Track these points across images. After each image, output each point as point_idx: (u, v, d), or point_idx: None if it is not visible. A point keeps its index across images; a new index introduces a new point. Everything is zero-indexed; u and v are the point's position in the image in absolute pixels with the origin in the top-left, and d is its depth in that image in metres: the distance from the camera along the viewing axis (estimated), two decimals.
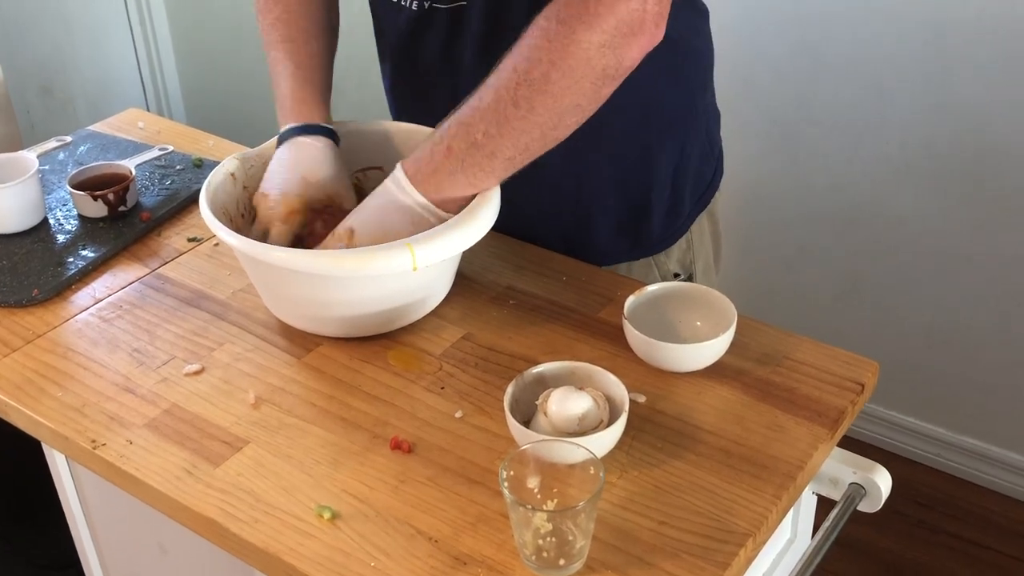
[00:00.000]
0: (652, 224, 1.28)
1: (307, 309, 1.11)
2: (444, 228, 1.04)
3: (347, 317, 1.10)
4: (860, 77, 1.94)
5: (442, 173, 1.04)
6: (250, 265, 1.12)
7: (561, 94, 0.99)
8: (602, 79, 1.00)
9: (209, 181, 1.14)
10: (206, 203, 1.11)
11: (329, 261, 1.02)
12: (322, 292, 1.07)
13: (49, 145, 1.51)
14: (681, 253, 1.31)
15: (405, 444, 0.99)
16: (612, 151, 1.22)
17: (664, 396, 1.05)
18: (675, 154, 1.26)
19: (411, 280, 1.08)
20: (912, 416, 2.21)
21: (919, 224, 2.01)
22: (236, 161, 1.19)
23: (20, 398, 1.07)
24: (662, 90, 1.17)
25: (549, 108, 1.00)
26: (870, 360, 1.09)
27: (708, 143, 1.32)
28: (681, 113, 1.25)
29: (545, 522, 0.84)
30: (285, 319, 1.15)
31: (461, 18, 1.15)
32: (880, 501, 1.06)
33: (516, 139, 1.01)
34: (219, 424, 1.03)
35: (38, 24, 2.59)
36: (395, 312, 1.11)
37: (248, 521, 0.92)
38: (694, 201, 1.32)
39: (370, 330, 1.12)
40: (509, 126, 1.00)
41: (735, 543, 0.89)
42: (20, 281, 1.23)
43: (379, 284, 1.06)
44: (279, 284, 1.10)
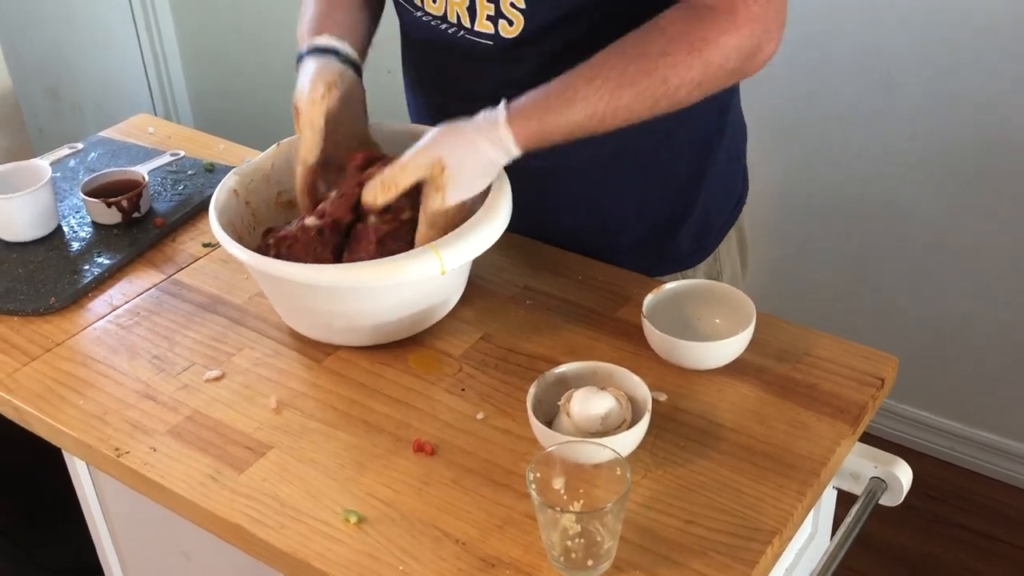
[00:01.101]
0: (679, 242, 1.27)
1: (329, 320, 1.10)
2: (466, 229, 1.04)
3: (370, 326, 1.09)
4: (869, 71, 1.94)
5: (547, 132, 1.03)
6: (268, 281, 1.11)
7: (687, 96, 1.02)
8: (723, 87, 1.04)
9: (216, 199, 1.13)
10: (217, 224, 1.09)
11: (357, 273, 1.02)
12: (344, 303, 1.07)
13: (61, 152, 1.51)
14: (708, 267, 1.31)
15: (428, 446, 0.99)
16: (639, 168, 1.22)
17: (685, 394, 1.05)
18: (703, 172, 1.25)
19: (434, 284, 1.08)
20: (924, 410, 2.21)
21: (929, 217, 2.01)
22: (236, 177, 1.17)
23: (41, 407, 1.08)
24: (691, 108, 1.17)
25: (664, 108, 1.03)
26: (889, 355, 1.09)
27: (735, 160, 1.32)
28: (709, 131, 1.25)
29: (573, 523, 0.84)
30: (304, 331, 1.14)
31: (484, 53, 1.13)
32: (901, 495, 1.06)
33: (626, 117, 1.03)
34: (242, 430, 1.03)
35: (43, 27, 2.59)
36: (419, 316, 1.10)
37: (275, 527, 0.92)
38: (722, 220, 1.32)
39: (393, 336, 1.12)
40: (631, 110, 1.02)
41: (762, 540, 0.89)
42: (37, 289, 1.23)
43: (403, 291, 1.06)
44: (299, 298, 1.09)
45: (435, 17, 1.15)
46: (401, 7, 1.21)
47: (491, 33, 1.11)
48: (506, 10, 1.09)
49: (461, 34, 1.14)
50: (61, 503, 1.25)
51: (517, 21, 1.10)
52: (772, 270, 2.21)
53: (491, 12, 1.10)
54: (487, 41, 1.12)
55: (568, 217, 1.26)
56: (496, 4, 1.09)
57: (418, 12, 1.17)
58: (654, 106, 1.02)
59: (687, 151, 1.23)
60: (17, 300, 1.22)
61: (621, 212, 1.25)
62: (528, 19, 1.09)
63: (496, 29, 1.11)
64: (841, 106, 2.00)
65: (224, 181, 1.17)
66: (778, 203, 2.15)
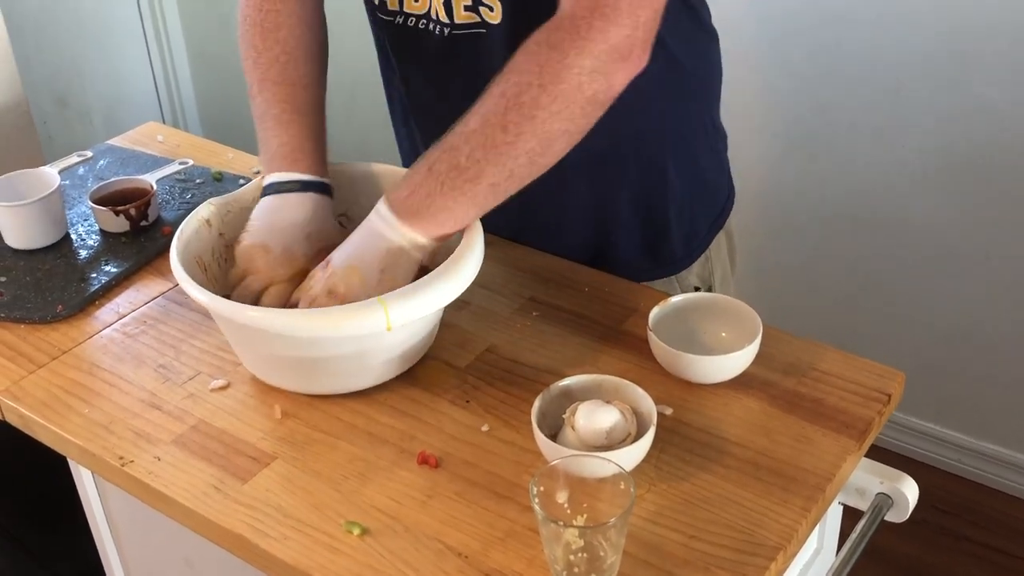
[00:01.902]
0: (672, 245, 1.28)
1: (281, 366, 1.07)
2: (421, 283, 1.00)
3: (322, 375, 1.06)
4: (877, 81, 1.93)
5: (419, 195, 1.01)
6: (221, 321, 1.08)
7: (550, 119, 0.97)
8: (591, 104, 0.98)
9: (182, 230, 1.10)
10: (176, 256, 1.06)
11: (299, 320, 0.98)
12: (299, 351, 1.03)
13: (70, 160, 1.52)
14: (700, 267, 1.32)
15: (432, 459, 0.99)
16: (630, 172, 1.22)
17: (690, 408, 1.04)
18: (689, 175, 1.26)
19: (387, 338, 1.03)
20: (932, 422, 2.20)
21: (937, 227, 2.00)
22: (212, 207, 1.14)
23: (47, 415, 1.08)
24: (675, 114, 1.16)
25: (538, 134, 0.97)
26: (896, 370, 1.09)
27: (718, 163, 1.33)
28: (693, 135, 1.26)
29: (576, 538, 0.83)
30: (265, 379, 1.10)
31: (478, 43, 1.13)
32: (907, 511, 1.06)
33: (502, 164, 0.99)
34: (246, 440, 1.03)
35: (54, 36, 2.60)
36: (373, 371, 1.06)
37: (278, 537, 0.92)
38: (711, 221, 1.32)
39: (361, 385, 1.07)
40: (496, 151, 0.98)
41: (766, 556, 0.89)
42: (44, 297, 1.24)
43: (348, 344, 1.02)
44: (253, 342, 1.06)
45: (418, 17, 1.15)
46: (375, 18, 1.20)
47: (477, 22, 1.11)
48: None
49: (448, 32, 1.13)
50: (66, 509, 1.25)
51: (496, 6, 1.10)
52: (779, 280, 2.20)
53: (468, 2, 1.10)
54: (479, 30, 1.12)
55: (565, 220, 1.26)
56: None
57: (400, 18, 1.17)
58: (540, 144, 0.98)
59: (676, 151, 1.23)
60: (24, 308, 1.22)
61: (617, 214, 1.25)
62: (506, 5, 1.09)
63: (481, 17, 1.11)
64: (849, 116, 1.99)
65: (197, 210, 1.13)
66: (786, 213, 2.14)
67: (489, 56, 1.13)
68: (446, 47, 1.15)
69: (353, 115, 2.43)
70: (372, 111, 2.33)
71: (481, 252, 1.05)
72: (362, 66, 1.99)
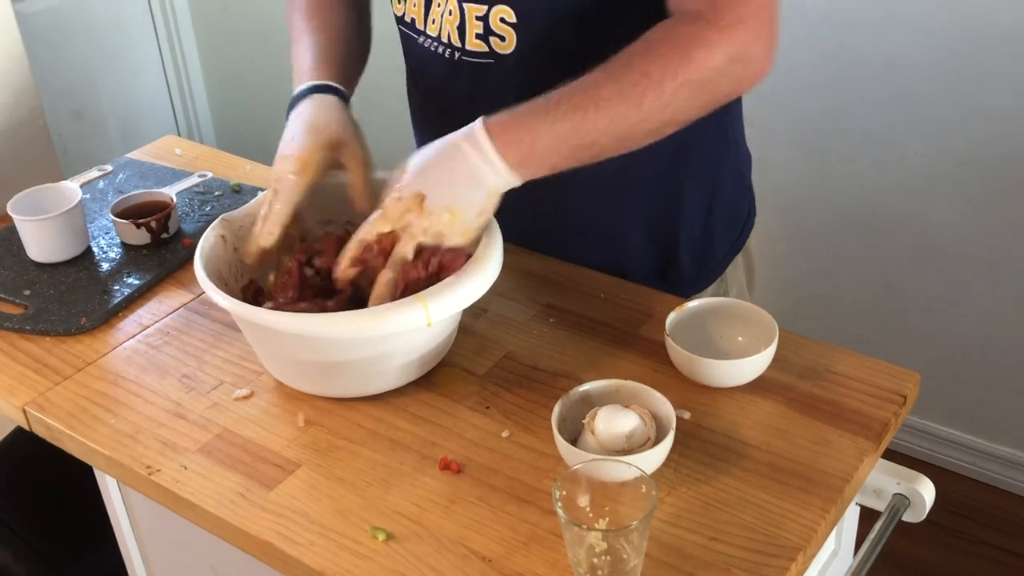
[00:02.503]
0: (683, 269, 1.28)
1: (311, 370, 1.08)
2: (454, 280, 1.01)
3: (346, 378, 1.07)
4: (889, 85, 1.94)
5: (535, 146, 0.99)
6: (254, 331, 1.09)
7: (679, 111, 1.01)
8: (714, 106, 1.03)
9: (201, 246, 1.11)
10: (202, 269, 1.08)
11: (340, 323, 0.99)
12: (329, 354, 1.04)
13: (90, 174, 1.54)
14: (715, 288, 1.32)
15: (454, 464, 1.01)
16: (643, 194, 1.23)
17: (708, 412, 1.06)
18: (706, 197, 1.26)
19: (414, 338, 1.05)
20: (946, 425, 2.21)
21: (950, 231, 2.01)
22: (224, 223, 1.16)
23: (73, 425, 1.09)
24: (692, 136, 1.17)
25: (664, 120, 1.01)
26: (911, 371, 1.10)
27: (740, 187, 1.33)
28: (712, 156, 1.25)
29: (600, 541, 0.85)
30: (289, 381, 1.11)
31: (486, 71, 1.14)
32: (924, 511, 1.07)
33: (619, 140, 1.01)
34: (270, 448, 1.04)
35: (68, 48, 2.63)
36: (405, 369, 1.08)
37: (304, 544, 0.93)
38: (728, 244, 1.32)
39: (377, 388, 1.09)
40: (620, 126, 1.00)
41: (786, 557, 0.90)
42: (68, 310, 1.26)
43: (387, 342, 1.03)
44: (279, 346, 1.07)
45: (432, 39, 1.17)
46: (403, 33, 1.23)
47: (485, 51, 1.13)
48: (496, 27, 1.10)
49: (458, 56, 1.15)
50: (91, 520, 1.27)
51: (509, 37, 1.11)
52: (792, 285, 2.21)
53: (480, 30, 1.11)
54: (487, 60, 1.13)
55: (574, 239, 1.27)
56: (485, 22, 1.11)
57: (420, 37, 1.19)
58: (646, 125, 1.01)
59: (693, 174, 1.24)
60: (49, 321, 1.24)
61: (627, 235, 1.26)
62: (520, 33, 1.10)
63: (489, 46, 1.12)
64: (861, 120, 2.00)
65: (212, 227, 1.15)
66: (798, 217, 2.15)
67: (492, 85, 1.14)
68: (452, 70, 1.17)
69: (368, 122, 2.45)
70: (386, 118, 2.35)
71: (501, 244, 1.06)
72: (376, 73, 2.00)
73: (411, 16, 1.19)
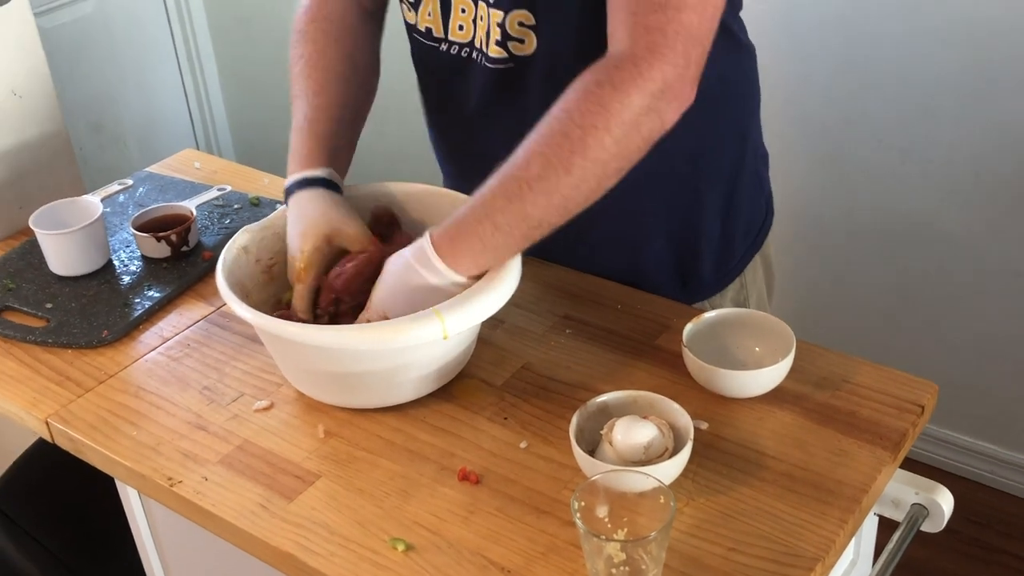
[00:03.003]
0: (703, 271, 1.29)
1: (330, 382, 1.09)
2: (472, 292, 1.03)
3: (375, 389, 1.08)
4: (906, 94, 1.94)
5: (479, 253, 1.03)
6: (275, 343, 1.11)
7: (612, 160, 0.99)
8: (646, 143, 1.00)
9: (223, 257, 1.13)
10: (224, 281, 1.09)
11: (357, 336, 1.01)
12: (340, 365, 1.06)
13: (111, 188, 1.55)
14: (735, 292, 1.32)
15: (473, 475, 1.01)
16: (662, 197, 1.23)
17: (725, 423, 1.06)
18: (724, 198, 1.27)
19: (433, 349, 1.06)
20: (964, 434, 2.20)
21: (967, 241, 2.01)
22: (247, 234, 1.17)
23: (96, 437, 1.11)
24: (710, 135, 1.17)
25: (599, 175, 0.99)
26: (929, 381, 1.10)
27: (758, 186, 1.33)
28: (729, 157, 1.26)
29: (619, 551, 0.85)
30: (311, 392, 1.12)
31: (506, 76, 1.15)
32: (943, 521, 1.07)
33: (562, 210, 1.01)
34: (290, 459, 1.05)
35: (88, 62, 2.65)
36: (424, 380, 1.09)
37: (325, 555, 0.94)
38: (746, 245, 1.32)
39: (396, 400, 1.10)
40: (559, 197, 0.99)
41: (804, 567, 0.90)
42: (90, 323, 1.27)
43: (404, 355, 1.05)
44: (301, 358, 1.09)
45: (460, 45, 1.18)
46: (421, 45, 1.23)
47: (505, 56, 1.14)
48: (514, 31, 1.11)
49: (481, 61, 1.16)
50: (112, 531, 1.28)
51: (528, 40, 1.12)
52: (810, 294, 2.21)
53: (498, 36, 1.13)
54: (507, 65, 1.14)
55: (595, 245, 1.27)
56: (503, 28, 1.12)
57: (442, 45, 1.20)
58: (585, 186, 0.99)
59: (711, 179, 1.24)
60: (71, 334, 1.25)
61: (647, 238, 1.26)
62: (539, 36, 1.11)
63: (508, 51, 1.13)
64: (879, 131, 2.00)
65: (235, 238, 1.16)
66: (816, 227, 2.15)
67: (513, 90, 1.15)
68: (473, 76, 1.18)
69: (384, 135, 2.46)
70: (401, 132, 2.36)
71: (519, 259, 1.07)
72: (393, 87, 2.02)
73: (426, 25, 1.20)
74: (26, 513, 1.44)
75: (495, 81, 1.17)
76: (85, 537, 1.46)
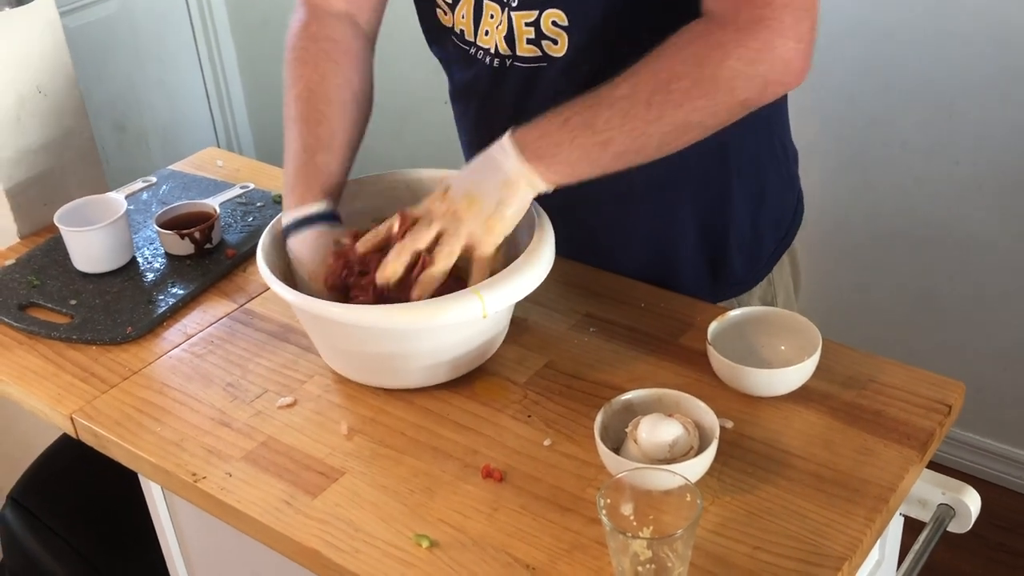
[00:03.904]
0: (732, 266, 1.28)
1: (368, 362, 1.11)
2: (509, 272, 1.04)
3: (413, 369, 1.09)
4: (930, 98, 1.93)
5: (548, 141, 1.02)
6: (314, 324, 1.12)
7: (694, 112, 0.99)
8: (739, 108, 1.01)
9: (263, 241, 1.14)
10: (264, 262, 1.11)
11: (401, 314, 1.02)
12: (378, 345, 1.08)
13: (134, 186, 1.56)
14: (762, 291, 1.32)
15: (497, 472, 1.01)
16: (691, 194, 1.23)
17: (751, 421, 1.05)
18: (755, 195, 1.26)
19: (476, 327, 1.08)
20: (989, 437, 2.18)
21: (992, 243, 1.99)
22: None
23: (120, 433, 1.11)
24: (741, 130, 1.17)
25: (677, 122, 1.00)
26: (956, 381, 1.09)
27: (787, 183, 1.32)
28: (760, 153, 1.25)
29: (644, 549, 0.85)
30: (352, 375, 1.14)
31: (538, 75, 1.16)
32: (970, 522, 1.06)
33: (635, 139, 1.01)
34: (314, 455, 1.05)
35: (112, 62, 2.67)
36: (461, 360, 1.10)
37: (349, 551, 0.94)
38: (776, 242, 1.32)
39: (432, 380, 1.11)
40: (633, 125, 1.00)
41: (831, 567, 0.89)
42: (114, 319, 1.27)
43: (443, 334, 1.06)
44: (340, 339, 1.10)
45: (485, 51, 1.18)
46: (454, 47, 1.23)
47: (538, 55, 1.14)
48: (548, 31, 1.11)
49: (510, 64, 1.16)
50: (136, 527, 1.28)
51: (561, 40, 1.12)
52: (835, 296, 2.20)
53: (531, 36, 1.12)
54: (539, 64, 1.14)
55: (627, 242, 1.27)
56: (536, 27, 1.11)
57: (471, 48, 1.20)
58: (659, 126, 1.00)
59: (740, 172, 1.24)
60: (95, 330, 1.26)
61: (678, 235, 1.26)
62: (572, 35, 1.11)
63: (542, 50, 1.13)
64: (903, 133, 1.99)
65: (272, 224, 1.17)
66: (841, 230, 2.14)
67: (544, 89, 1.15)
68: (502, 78, 1.18)
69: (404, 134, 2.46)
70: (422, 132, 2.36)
71: (553, 237, 1.08)
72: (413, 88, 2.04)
73: (460, 27, 1.20)
74: (49, 509, 1.45)
75: (519, 83, 1.17)
76: (108, 533, 1.47)
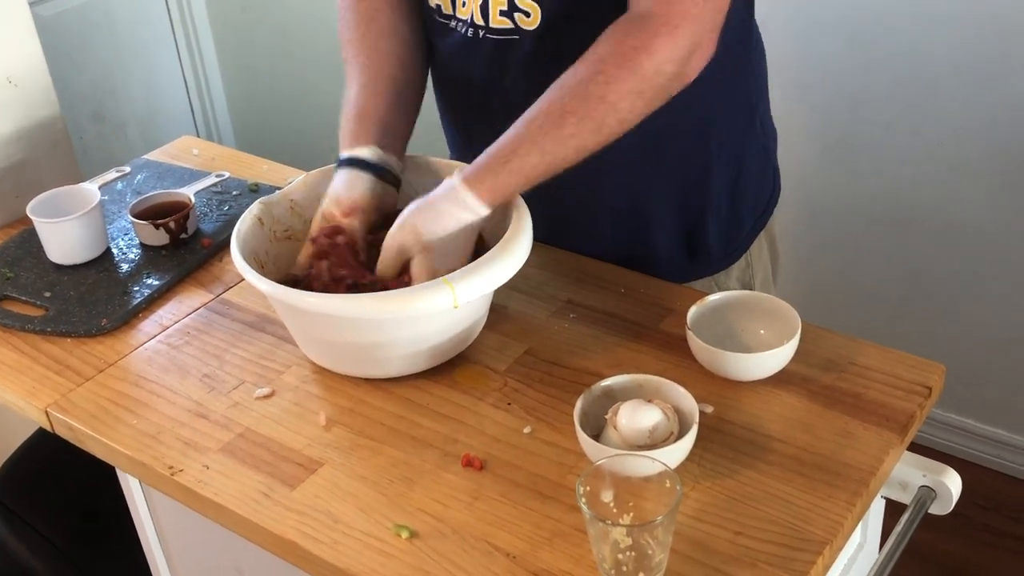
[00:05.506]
0: (710, 243, 1.28)
1: (343, 352, 1.10)
2: (482, 263, 1.04)
3: (383, 359, 1.09)
4: (914, 75, 1.93)
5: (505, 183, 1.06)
6: (290, 314, 1.12)
7: (636, 116, 1.04)
8: (668, 95, 1.04)
9: (238, 229, 1.13)
10: (238, 251, 1.10)
11: (372, 304, 1.02)
12: (354, 335, 1.07)
13: (108, 176, 1.54)
14: (740, 271, 1.32)
15: (476, 461, 1.00)
16: (670, 170, 1.23)
17: (731, 406, 1.05)
18: (733, 172, 1.26)
19: (450, 318, 1.08)
20: (972, 418, 2.19)
21: (977, 224, 1.99)
22: (261, 206, 1.18)
23: (96, 426, 1.10)
24: (719, 108, 1.18)
25: (612, 125, 1.04)
26: (936, 363, 1.09)
27: (765, 161, 1.33)
28: (738, 131, 1.26)
29: (624, 536, 0.84)
30: (327, 364, 1.13)
31: (510, 48, 1.16)
32: (951, 503, 1.06)
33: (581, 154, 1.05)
34: (292, 447, 1.04)
35: (89, 51, 2.64)
36: (438, 349, 1.10)
37: (328, 543, 0.93)
38: (753, 219, 1.32)
39: (409, 369, 1.11)
40: (584, 147, 1.04)
41: (812, 551, 0.89)
42: (88, 311, 1.26)
43: (417, 324, 1.06)
44: (314, 328, 1.10)
45: (461, 21, 1.18)
46: (434, 22, 1.23)
47: (511, 27, 1.14)
48: (520, 3, 1.12)
49: (482, 35, 1.16)
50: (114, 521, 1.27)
51: (534, 12, 1.12)
52: (817, 280, 2.20)
53: (504, 7, 1.13)
54: (511, 36, 1.14)
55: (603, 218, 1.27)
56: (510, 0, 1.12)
57: (451, 22, 1.19)
58: (601, 128, 1.04)
59: (720, 147, 1.24)
60: (70, 322, 1.24)
61: (655, 211, 1.26)
62: (545, 8, 1.11)
63: (514, 22, 1.13)
64: (887, 113, 1.99)
65: (250, 209, 1.17)
66: (823, 213, 2.14)
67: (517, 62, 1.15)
68: (476, 50, 1.18)
69: None
70: None
71: (530, 228, 1.09)
72: None
73: (436, 2, 1.20)
74: (26, 504, 1.44)
75: (492, 55, 1.17)
76: (86, 527, 1.46)
